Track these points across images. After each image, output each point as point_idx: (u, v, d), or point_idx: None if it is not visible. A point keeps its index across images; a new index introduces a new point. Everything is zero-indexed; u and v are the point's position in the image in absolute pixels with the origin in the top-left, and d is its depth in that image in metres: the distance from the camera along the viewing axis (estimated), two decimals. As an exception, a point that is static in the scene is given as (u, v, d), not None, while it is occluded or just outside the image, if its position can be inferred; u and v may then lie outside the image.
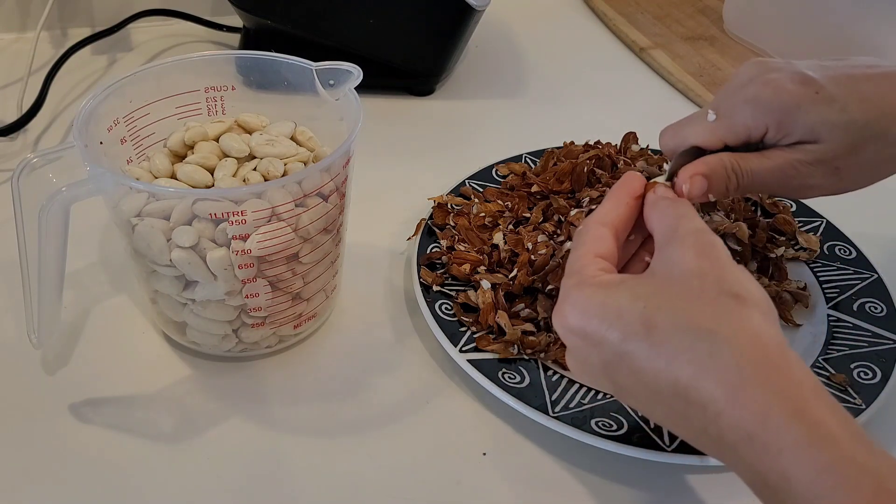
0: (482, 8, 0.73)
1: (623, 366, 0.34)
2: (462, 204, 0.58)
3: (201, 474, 0.43)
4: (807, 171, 0.41)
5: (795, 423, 0.29)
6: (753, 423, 0.30)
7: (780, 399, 0.30)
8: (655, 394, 0.33)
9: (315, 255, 0.45)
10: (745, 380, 0.31)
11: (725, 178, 0.41)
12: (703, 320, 0.32)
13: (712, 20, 0.94)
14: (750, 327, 0.32)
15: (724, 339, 0.32)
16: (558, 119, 0.75)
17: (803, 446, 0.29)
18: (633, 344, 0.33)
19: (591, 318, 0.34)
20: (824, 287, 0.54)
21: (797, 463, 0.29)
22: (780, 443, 0.30)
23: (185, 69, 0.49)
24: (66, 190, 0.40)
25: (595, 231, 0.38)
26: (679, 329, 0.32)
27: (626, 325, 0.33)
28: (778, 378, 0.31)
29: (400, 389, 0.48)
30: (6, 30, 0.83)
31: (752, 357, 0.31)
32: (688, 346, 0.32)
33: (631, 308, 0.33)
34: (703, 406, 0.31)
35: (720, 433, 0.31)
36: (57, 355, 0.49)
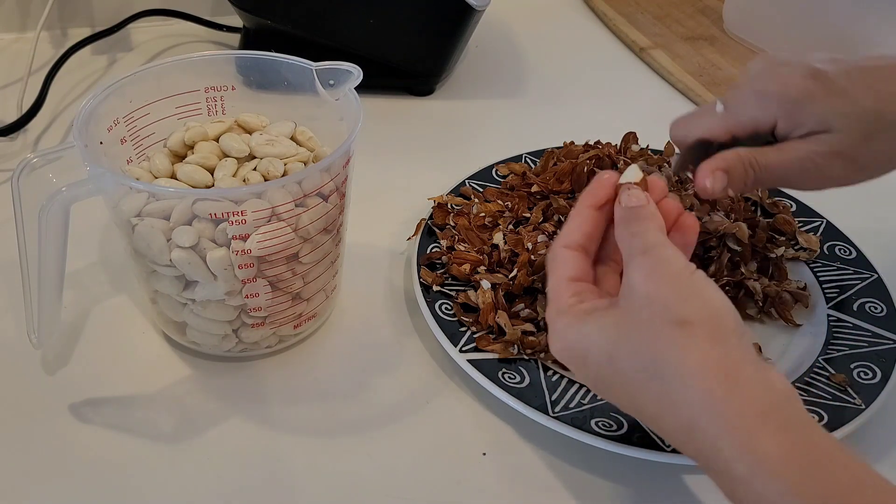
0: (482, 8, 0.73)
1: (604, 388, 0.36)
2: (462, 204, 0.58)
3: (201, 474, 0.43)
4: (824, 162, 0.41)
5: (741, 458, 0.30)
6: (709, 454, 0.32)
7: (727, 432, 0.31)
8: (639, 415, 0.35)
9: (315, 255, 0.45)
10: (694, 415, 0.32)
11: (743, 172, 0.41)
12: (654, 354, 0.33)
13: (712, 20, 0.94)
14: (696, 357, 0.32)
15: (672, 375, 0.32)
16: (558, 119, 0.75)
17: (750, 481, 0.30)
18: (605, 373, 0.35)
19: (571, 350, 0.36)
20: (824, 287, 0.54)
21: (750, 496, 0.30)
22: (731, 475, 0.31)
23: (185, 69, 0.49)
24: (66, 190, 0.40)
25: (561, 255, 0.39)
26: (635, 365, 0.34)
27: (596, 358, 0.35)
28: (725, 407, 0.31)
29: (400, 389, 0.48)
30: (6, 30, 0.83)
31: (699, 389, 0.32)
32: (644, 382, 0.33)
33: (597, 341, 0.35)
34: (668, 434, 0.34)
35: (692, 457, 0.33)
36: (57, 355, 0.49)
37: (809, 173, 0.42)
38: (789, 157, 0.42)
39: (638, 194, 0.38)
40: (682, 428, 0.32)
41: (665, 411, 0.33)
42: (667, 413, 0.33)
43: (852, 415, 0.44)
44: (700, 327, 0.33)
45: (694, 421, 0.32)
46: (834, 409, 0.45)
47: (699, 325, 0.33)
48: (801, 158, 0.41)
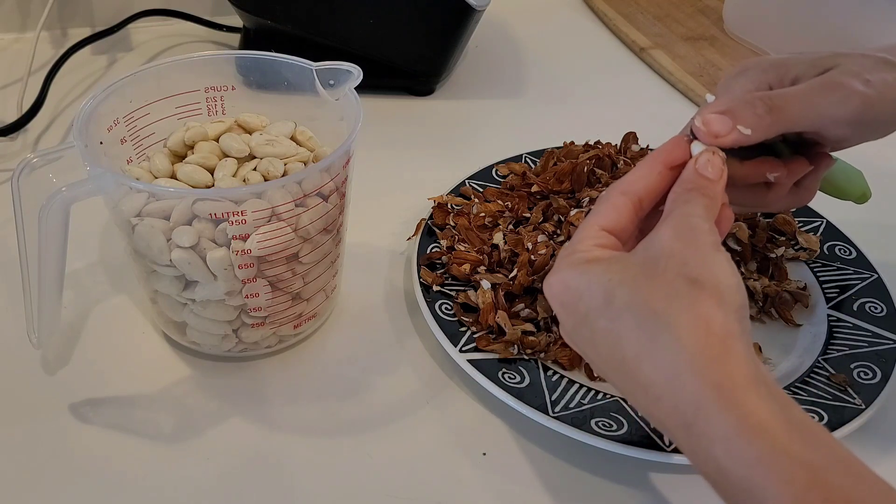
0: (482, 8, 0.73)
1: (586, 336, 0.35)
2: (462, 204, 0.58)
3: (201, 474, 0.43)
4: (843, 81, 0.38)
5: (725, 415, 0.29)
6: (688, 410, 0.30)
7: (713, 389, 0.30)
8: (609, 367, 0.34)
9: (315, 255, 0.45)
10: (680, 368, 0.31)
11: (752, 109, 0.38)
12: (655, 301, 0.32)
13: (712, 20, 0.94)
14: (697, 313, 0.31)
15: (667, 322, 0.31)
16: (558, 119, 0.75)
17: (732, 438, 0.29)
18: (594, 315, 0.34)
19: (568, 289, 0.35)
20: (824, 287, 0.54)
21: (728, 455, 0.29)
22: (711, 433, 0.30)
23: (185, 69, 0.49)
24: (66, 190, 0.40)
25: (613, 200, 0.37)
26: (631, 307, 0.32)
27: (591, 297, 0.34)
28: (714, 367, 0.30)
29: (400, 389, 0.48)
30: (6, 30, 0.83)
31: (692, 344, 0.31)
32: (635, 326, 0.32)
33: (599, 281, 0.34)
34: (644, 388, 0.32)
35: (660, 417, 0.32)
36: (57, 355, 0.49)
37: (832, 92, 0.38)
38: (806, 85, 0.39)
39: (717, 164, 0.37)
40: (661, 380, 0.31)
41: (648, 360, 0.32)
42: (649, 362, 0.32)
43: (852, 415, 0.44)
44: (710, 290, 0.32)
45: (677, 375, 0.31)
46: (834, 409, 0.45)
47: (709, 289, 0.32)
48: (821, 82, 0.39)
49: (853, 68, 0.39)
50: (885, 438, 0.46)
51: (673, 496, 0.43)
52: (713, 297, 0.32)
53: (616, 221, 0.37)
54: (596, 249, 0.36)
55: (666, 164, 0.38)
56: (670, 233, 0.34)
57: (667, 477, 0.44)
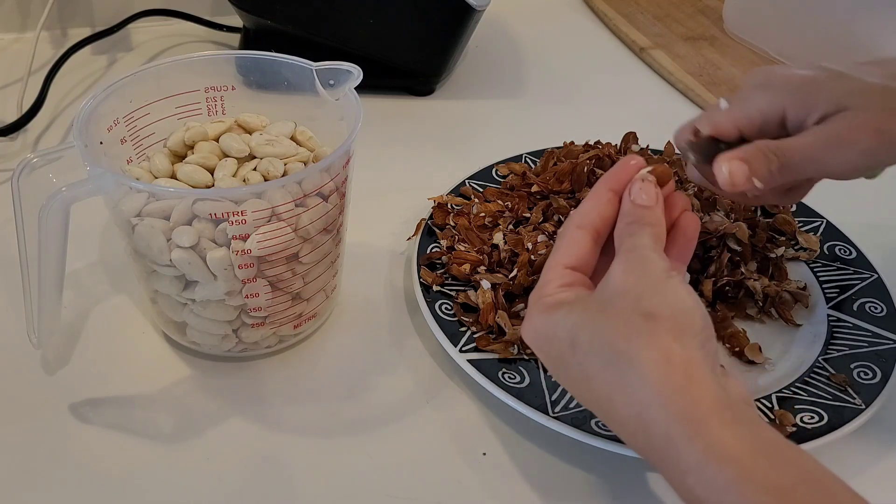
0: (482, 8, 0.73)
1: (565, 377, 0.36)
2: (462, 204, 0.58)
3: (201, 474, 0.43)
4: (851, 136, 0.38)
5: (692, 445, 0.30)
6: (659, 444, 0.31)
7: (679, 421, 0.31)
8: (591, 405, 0.35)
9: (315, 255, 0.45)
10: (648, 403, 0.32)
11: (765, 159, 0.39)
12: (616, 340, 0.33)
13: (712, 20, 0.94)
14: (656, 348, 0.32)
15: (630, 360, 0.32)
16: (558, 119, 0.75)
17: (702, 467, 0.30)
18: (565, 359, 0.35)
19: (538, 336, 0.37)
20: (824, 287, 0.54)
21: (699, 483, 0.30)
22: (681, 464, 0.31)
23: (185, 69, 0.49)
24: (66, 190, 0.40)
25: (570, 235, 0.38)
26: (594, 348, 0.34)
27: (559, 342, 0.35)
28: (679, 398, 0.31)
29: (400, 389, 0.48)
30: (6, 30, 0.83)
31: (655, 378, 0.32)
32: (601, 366, 0.33)
33: (562, 326, 0.35)
34: (620, 424, 0.33)
35: (639, 450, 0.33)
36: (57, 355, 0.49)
37: (840, 150, 0.38)
38: (812, 138, 0.39)
39: (649, 191, 0.37)
40: (634, 416, 0.32)
41: (618, 399, 0.33)
42: (619, 401, 0.33)
43: (852, 415, 0.44)
44: (665, 322, 0.33)
45: (646, 409, 0.31)
46: (834, 409, 0.45)
47: (665, 321, 0.33)
48: (827, 136, 0.39)
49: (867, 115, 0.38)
50: (885, 438, 0.46)
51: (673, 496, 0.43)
52: (670, 329, 0.33)
53: (577, 257, 0.38)
54: (560, 292, 0.37)
55: (614, 190, 0.39)
56: (620, 269, 0.35)
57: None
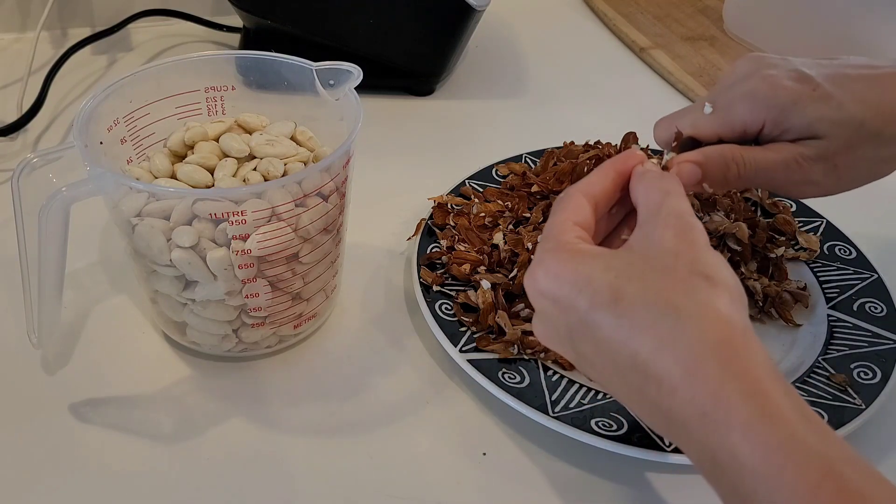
0: (482, 8, 0.73)
1: (587, 333, 0.33)
2: (462, 204, 0.58)
3: (201, 474, 0.43)
4: (808, 167, 0.42)
5: (747, 402, 0.29)
6: (706, 400, 0.30)
7: (734, 378, 0.30)
8: (614, 365, 0.33)
9: (315, 255, 0.45)
10: (702, 357, 0.31)
11: (724, 166, 0.41)
12: (671, 296, 0.32)
13: (712, 20, 0.94)
14: (716, 308, 0.32)
15: (689, 316, 0.31)
16: (558, 119, 0.75)
17: (754, 424, 0.29)
18: (599, 312, 0.33)
19: (562, 283, 0.34)
20: (824, 287, 0.54)
21: (747, 441, 0.29)
22: (730, 420, 0.29)
23: (185, 69, 0.49)
24: (66, 190, 0.40)
25: (576, 199, 0.38)
26: (646, 302, 0.32)
27: (594, 293, 0.33)
28: (736, 359, 0.31)
29: (400, 389, 0.48)
30: (6, 30, 0.83)
31: (714, 337, 0.31)
32: (652, 320, 0.32)
33: (602, 277, 0.33)
34: (658, 380, 0.31)
35: (673, 409, 0.31)
36: (57, 355, 0.49)
37: (793, 175, 0.42)
38: (777, 156, 0.42)
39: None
40: (681, 372, 0.31)
41: (666, 353, 0.31)
42: (667, 355, 0.31)
43: (852, 415, 0.44)
44: (724, 287, 0.33)
45: (699, 364, 0.30)
46: (834, 409, 0.45)
47: (723, 286, 0.33)
48: (787, 159, 0.42)
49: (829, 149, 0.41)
50: (885, 438, 0.46)
51: (673, 496, 0.43)
52: (727, 293, 0.32)
53: (585, 218, 0.37)
54: (582, 243, 0.36)
55: (618, 170, 0.39)
56: (671, 232, 0.34)
57: (666, 477, 0.44)
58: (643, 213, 0.36)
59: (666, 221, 0.35)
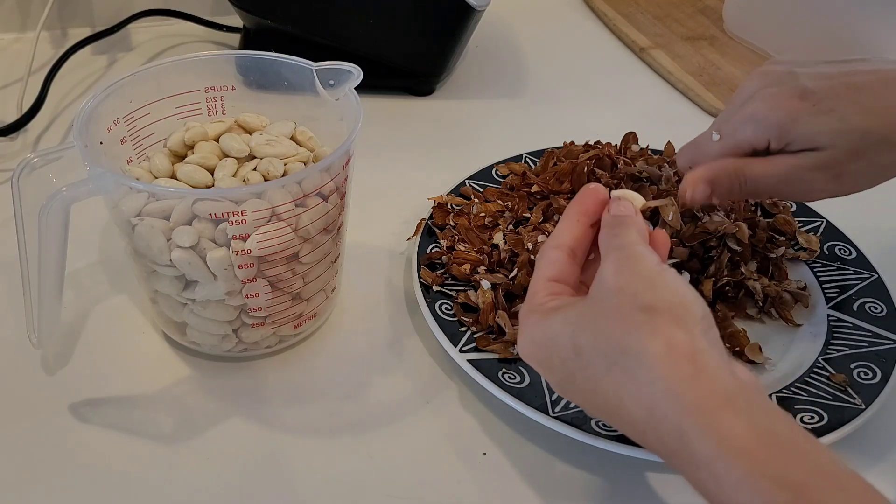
0: (482, 8, 0.73)
1: (571, 386, 0.35)
2: (462, 204, 0.58)
3: (201, 474, 0.43)
4: (810, 177, 0.43)
5: (705, 439, 0.30)
6: (671, 440, 0.31)
7: (691, 414, 0.30)
8: (599, 411, 0.35)
9: (315, 255, 0.45)
10: (657, 398, 0.31)
11: (729, 183, 0.44)
12: (619, 339, 0.33)
13: (712, 20, 0.94)
14: (660, 339, 0.32)
15: (636, 356, 0.32)
16: (558, 119, 0.75)
17: (714, 462, 0.30)
18: (570, 367, 0.35)
19: (538, 347, 0.36)
20: (824, 287, 0.54)
21: (713, 479, 0.30)
22: (695, 460, 0.30)
23: (185, 69, 0.49)
24: (66, 190, 0.40)
25: (548, 255, 0.39)
26: (598, 351, 0.33)
27: (561, 350, 0.35)
28: (688, 389, 0.31)
29: (400, 389, 0.48)
30: (6, 30, 0.83)
31: (664, 371, 0.31)
32: (606, 368, 0.33)
33: (562, 333, 0.35)
34: (631, 424, 0.33)
35: (652, 450, 0.33)
36: (57, 355, 0.49)
37: (795, 185, 0.43)
38: (776, 169, 0.43)
39: (626, 206, 0.38)
40: (644, 415, 0.32)
41: (627, 398, 0.32)
42: (628, 399, 0.32)
43: (852, 415, 0.44)
44: (666, 314, 0.33)
45: (656, 405, 0.31)
46: (834, 409, 0.45)
47: (664, 312, 0.33)
48: (788, 171, 0.43)
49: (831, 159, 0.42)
50: (885, 438, 0.46)
51: (673, 496, 0.43)
52: (671, 319, 0.33)
53: (559, 271, 0.38)
54: (551, 300, 0.37)
55: (582, 213, 0.39)
56: (612, 268, 0.35)
57: (667, 477, 0.44)
58: (602, 255, 0.37)
59: (608, 258, 0.36)
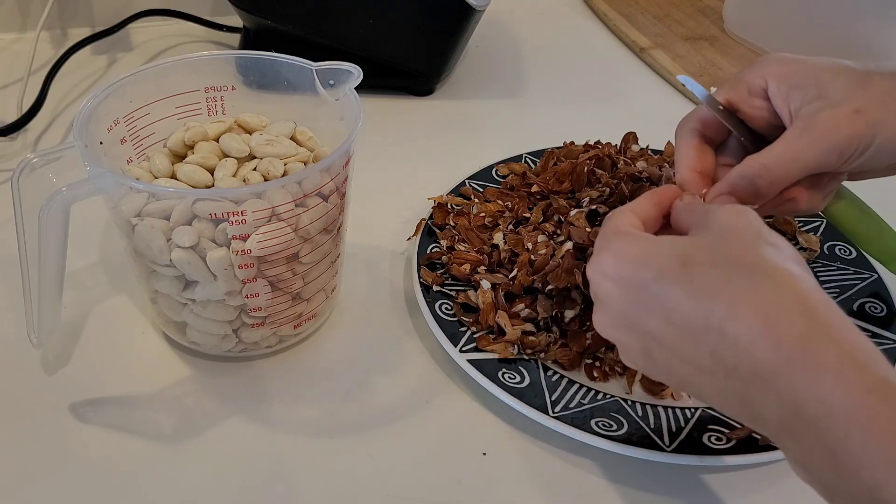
0: (482, 8, 0.73)
1: (654, 306, 0.33)
2: (462, 204, 0.58)
3: (201, 474, 0.43)
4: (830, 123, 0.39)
5: (836, 347, 0.29)
6: (792, 346, 0.29)
7: (818, 326, 0.30)
8: (685, 333, 0.32)
9: (315, 255, 0.45)
10: (783, 308, 0.30)
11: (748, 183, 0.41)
12: (742, 258, 0.32)
13: (712, 20, 0.94)
14: (787, 268, 0.32)
15: (763, 273, 0.31)
16: (558, 119, 0.75)
17: (845, 368, 0.28)
18: (667, 281, 0.33)
19: (628, 262, 0.34)
20: (824, 287, 0.54)
21: (839, 385, 0.28)
22: (820, 365, 0.29)
23: (185, 69, 0.49)
24: (66, 190, 0.40)
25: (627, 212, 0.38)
26: (717, 265, 0.32)
27: (661, 264, 0.33)
28: (816, 311, 0.30)
29: (400, 389, 0.48)
30: (6, 30, 0.83)
31: (791, 292, 0.31)
32: (724, 280, 0.31)
33: (668, 250, 0.33)
34: (735, 338, 0.31)
35: (753, 365, 0.30)
36: (57, 355, 0.49)
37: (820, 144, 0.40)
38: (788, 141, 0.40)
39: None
40: (765, 321, 0.30)
41: (743, 305, 0.31)
42: (745, 307, 0.31)
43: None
44: (792, 255, 0.33)
45: (783, 311, 0.30)
46: (834, 409, 0.45)
47: (791, 253, 0.33)
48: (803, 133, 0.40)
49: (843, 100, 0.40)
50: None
51: (673, 496, 0.43)
52: (795, 259, 0.33)
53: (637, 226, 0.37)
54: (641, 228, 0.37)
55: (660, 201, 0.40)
56: (727, 214, 0.35)
57: (667, 477, 0.44)
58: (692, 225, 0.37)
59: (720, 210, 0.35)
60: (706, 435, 0.43)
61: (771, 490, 0.43)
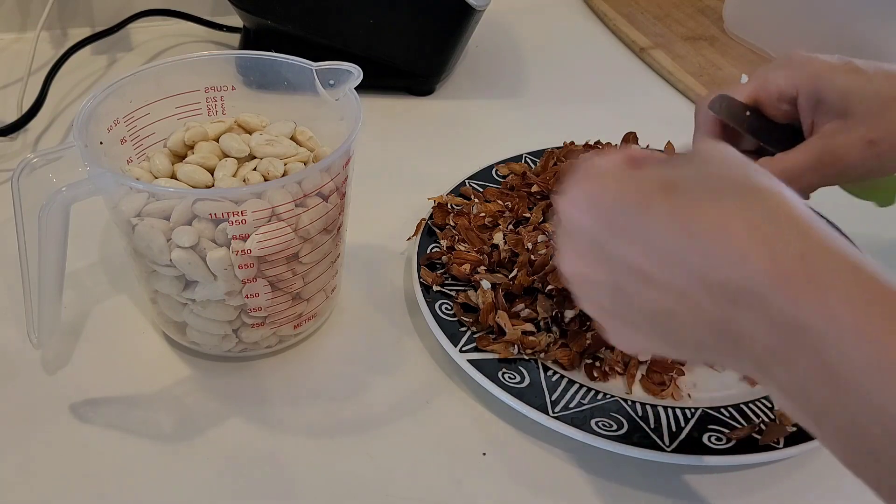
0: (482, 8, 0.73)
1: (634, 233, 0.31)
2: (462, 204, 0.58)
3: (201, 474, 0.43)
4: (842, 149, 0.42)
5: (837, 263, 0.27)
6: (791, 261, 0.28)
7: (816, 243, 0.28)
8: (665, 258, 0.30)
9: (315, 255, 0.45)
10: (778, 225, 0.28)
11: None
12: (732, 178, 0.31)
13: (712, 20, 0.94)
14: (780, 190, 0.30)
15: (755, 193, 0.30)
16: (558, 119, 0.75)
17: (852, 283, 0.27)
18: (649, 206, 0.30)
19: (607, 192, 0.32)
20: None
21: (849, 298, 0.27)
22: (826, 280, 0.27)
23: (185, 69, 0.49)
24: (66, 190, 0.40)
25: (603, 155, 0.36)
26: (705, 189, 0.30)
27: (643, 190, 0.31)
28: (811, 227, 0.29)
29: (400, 389, 0.48)
30: (6, 30, 0.83)
31: (786, 209, 0.29)
32: (714, 200, 0.30)
33: (651, 175, 0.32)
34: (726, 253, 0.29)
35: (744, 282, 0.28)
36: (57, 355, 0.49)
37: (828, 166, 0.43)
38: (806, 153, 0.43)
39: None
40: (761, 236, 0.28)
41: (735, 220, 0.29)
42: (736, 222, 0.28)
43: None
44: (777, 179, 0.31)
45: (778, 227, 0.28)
46: (834, 409, 0.45)
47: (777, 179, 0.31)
48: (820, 151, 0.43)
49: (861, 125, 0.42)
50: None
51: (673, 496, 0.43)
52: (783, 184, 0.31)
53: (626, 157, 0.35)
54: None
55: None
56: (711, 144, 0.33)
57: (666, 477, 0.44)
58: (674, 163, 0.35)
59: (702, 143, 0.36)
60: (706, 435, 0.43)
61: (771, 490, 0.43)
